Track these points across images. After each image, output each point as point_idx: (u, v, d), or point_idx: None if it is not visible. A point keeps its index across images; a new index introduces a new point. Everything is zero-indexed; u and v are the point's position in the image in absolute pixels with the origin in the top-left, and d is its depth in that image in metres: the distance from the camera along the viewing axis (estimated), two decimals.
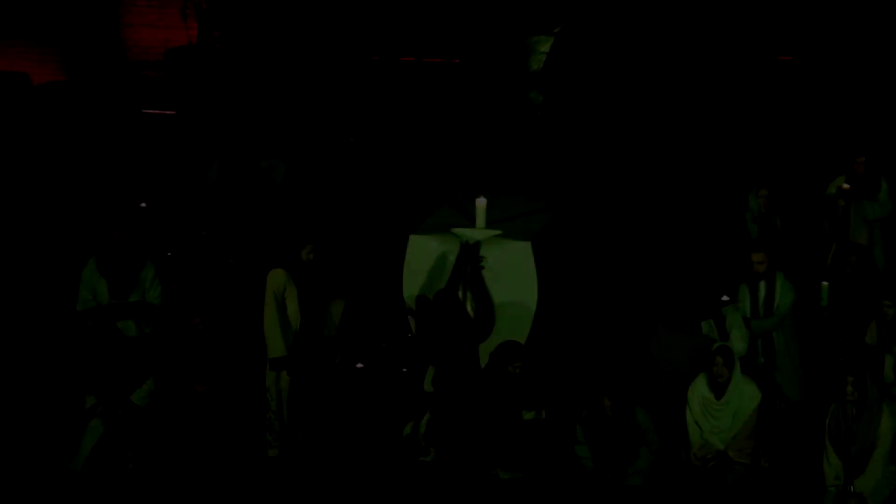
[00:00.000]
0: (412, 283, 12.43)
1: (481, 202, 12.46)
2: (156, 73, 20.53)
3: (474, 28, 21.78)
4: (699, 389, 11.22)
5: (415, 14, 21.35)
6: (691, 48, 19.75)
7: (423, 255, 12.45)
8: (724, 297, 11.76)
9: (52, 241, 14.48)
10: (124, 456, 11.16)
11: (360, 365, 11.66)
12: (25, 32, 21.53)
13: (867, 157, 13.75)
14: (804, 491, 11.01)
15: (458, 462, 11.35)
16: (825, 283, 11.94)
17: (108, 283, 12.02)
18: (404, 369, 11.50)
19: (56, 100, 19.63)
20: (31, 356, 12.54)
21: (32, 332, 12.56)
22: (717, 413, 11.16)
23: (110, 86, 20.29)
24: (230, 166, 14.88)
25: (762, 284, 11.99)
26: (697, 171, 17.06)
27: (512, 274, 12.32)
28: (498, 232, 12.40)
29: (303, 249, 11.41)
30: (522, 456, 11.27)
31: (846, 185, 13.61)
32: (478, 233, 12.40)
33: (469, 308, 12.32)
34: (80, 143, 18.54)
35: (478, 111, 19.16)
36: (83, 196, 16.73)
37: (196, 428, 11.42)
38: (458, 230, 12.46)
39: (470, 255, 12.34)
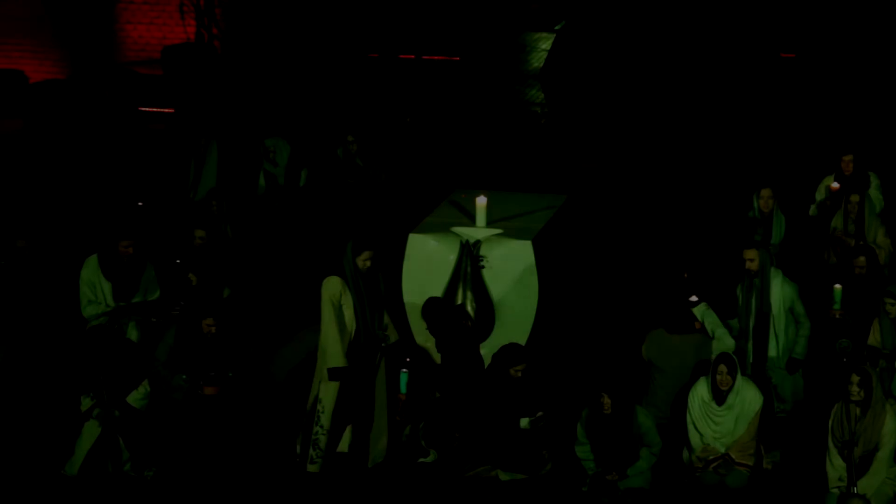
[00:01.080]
0: (411, 282, 12.35)
1: (481, 201, 12.39)
2: (153, 71, 20.45)
3: (475, 25, 21.75)
4: (700, 394, 11.11)
5: (414, 11, 21.29)
6: (695, 45, 19.73)
7: (423, 254, 12.37)
8: (693, 298, 11.69)
9: (48, 238, 14.37)
10: (120, 458, 11.05)
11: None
12: (23, 30, 21.45)
13: (854, 154, 13.66)
14: (807, 493, 10.91)
15: (458, 464, 11.27)
16: (838, 287, 11.82)
17: (113, 286, 12.03)
18: (403, 370, 11.43)
19: (52, 97, 19.53)
20: (26, 356, 12.44)
21: (27, 331, 12.46)
22: (719, 419, 11.07)
23: (107, 83, 20.20)
24: (231, 152, 14.80)
25: (756, 283, 11.91)
26: (700, 169, 17.09)
27: (513, 273, 12.26)
28: (498, 231, 12.34)
29: (359, 256, 10.92)
30: (523, 457, 11.18)
31: (835, 185, 13.54)
32: (478, 231, 12.33)
33: (469, 308, 12.26)
34: (76, 140, 18.46)
35: (478, 108, 19.10)
36: (80, 194, 16.64)
37: (203, 432, 11.31)
38: (457, 229, 12.40)
39: (470, 255, 12.26)
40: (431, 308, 11.83)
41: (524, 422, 11.19)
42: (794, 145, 17.59)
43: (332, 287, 10.96)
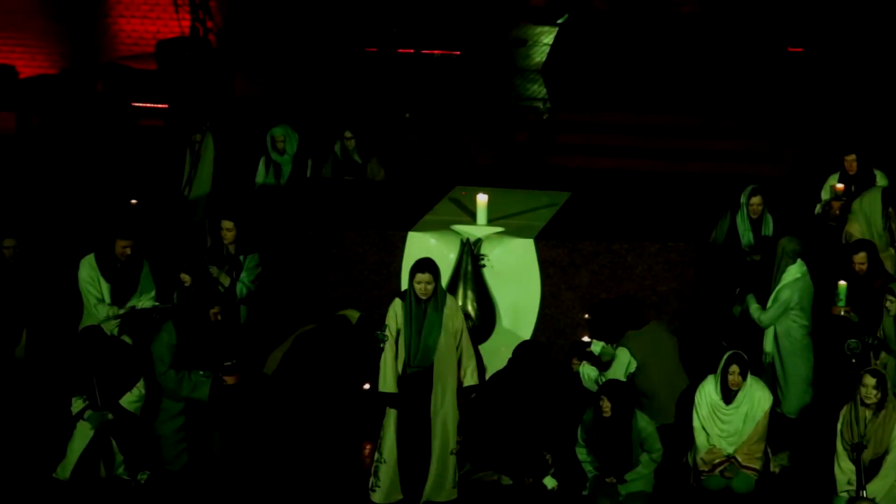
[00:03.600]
0: None
1: (482, 198, 12.27)
2: (146, 66, 20.36)
3: (475, 19, 21.74)
4: (707, 393, 10.98)
5: (413, 5, 21.28)
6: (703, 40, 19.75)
7: (423, 252, 12.17)
8: (585, 339, 11.73)
9: (40, 237, 14.25)
10: (113, 462, 10.91)
11: (367, 386, 11.47)
12: (14, 24, 21.39)
13: (858, 153, 13.53)
14: (815, 497, 10.80)
15: (461, 468, 11.08)
16: (843, 283, 11.66)
17: (112, 286, 11.92)
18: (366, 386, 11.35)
19: (44, 93, 19.42)
20: (18, 357, 12.29)
21: (19, 331, 12.32)
22: (727, 418, 10.94)
23: (99, 78, 20.11)
24: (227, 146, 14.68)
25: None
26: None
27: (514, 272, 12.14)
28: (500, 229, 12.24)
29: (413, 279, 10.49)
30: (526, 462, 11.05)
31: (840, 186, 13.40)
32: (479, 229, 12.22)
33: (470, 308, 12.11)
34: (68, 136, 18.39)
35: (479, 103, 19.06)
36: (72, 191, 16.52)
37: (239, 421, 11.17)
38: (458, 227, 12.29)
39: (470, 253, 12.14)
40: None
41: (550, 483, 11.08)
42: (802, 140, 17.58)
43: (391, 310, 10.61)
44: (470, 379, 10.69)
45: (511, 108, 18.70)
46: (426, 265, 10.54)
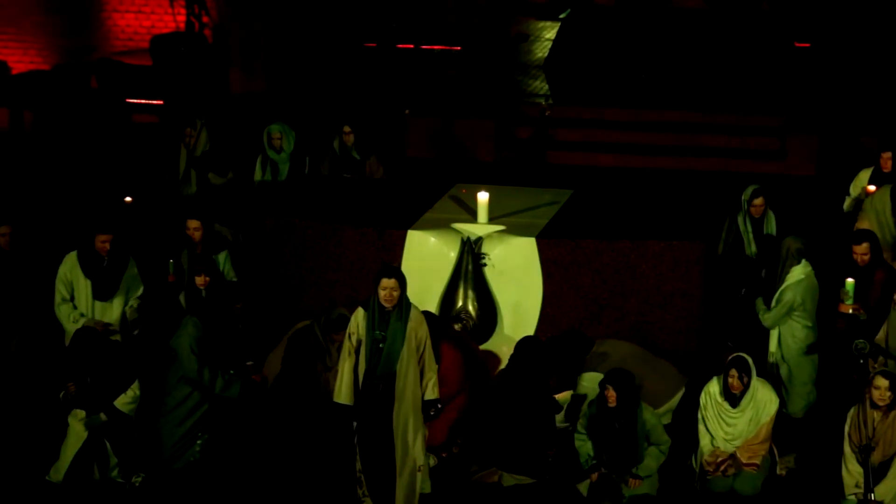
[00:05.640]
0: (410, 281, 12.01)
1: (483, 196, 12.21)
2: (141, 61, 20.29)
3: (476, 14, 21.73)
4: (713, 394, 10.88)
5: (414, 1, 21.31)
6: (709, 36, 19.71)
7: (422, 251, 12.18)
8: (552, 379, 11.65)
9: (32, 234, 14.12)
10: (108, 464, 10.81)
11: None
12: (5, 19, 21.32)
13: (894, 151, 13.41)
14: (822, 500, 10.70)
15: (461, 468, 11.12)
16: (851, 281, 11.52)
17: (93, 284, 11.73)
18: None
19: (36, 88, 19.32)
20: (9, 357, 12.15)
21: (10, 330, 12.19)
22: (732, 421, 10.84)
23: (93, 74, 20.03)
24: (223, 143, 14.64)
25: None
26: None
27: (516, 271, 12.07)
28: (501, 227, 12.17)
29: (378, 285, 10.11)
30: (528, 461, 10.97)
31: (871, 188, 13.27)
32: (480, 228, 12.16)
33: (471, 307, 12.05)
34: (61, 134, 18.30)
35: (479, 100, 19.01)
36: (65, 188, 16.46)
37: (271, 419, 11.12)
38: (458, 225, 12.23)
39: (471, 252, 12.07)
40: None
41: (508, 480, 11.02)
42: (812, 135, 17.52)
43: (353, 318, 10.27)
44: (430, 393, 10.30)
45: (512, 105, 18.62)
46: (392, 271, 10.22)
